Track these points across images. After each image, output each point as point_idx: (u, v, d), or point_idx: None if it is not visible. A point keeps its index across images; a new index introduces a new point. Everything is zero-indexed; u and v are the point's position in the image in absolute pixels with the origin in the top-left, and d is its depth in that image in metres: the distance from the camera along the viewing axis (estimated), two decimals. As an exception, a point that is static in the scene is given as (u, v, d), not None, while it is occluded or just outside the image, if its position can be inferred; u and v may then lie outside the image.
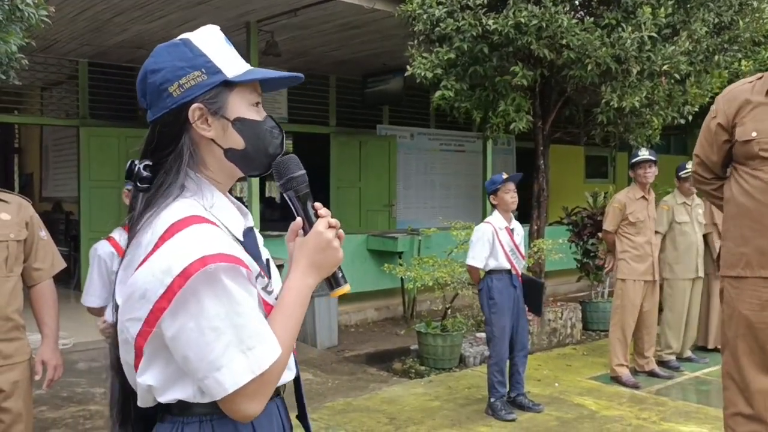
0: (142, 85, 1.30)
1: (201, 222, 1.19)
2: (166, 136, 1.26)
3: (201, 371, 1.14)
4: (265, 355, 1.17)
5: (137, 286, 1.16)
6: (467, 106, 6.36)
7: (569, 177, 12.42)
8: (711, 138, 2.87)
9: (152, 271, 1.14)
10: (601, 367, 5.89)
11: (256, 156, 1.31)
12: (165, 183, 1.24)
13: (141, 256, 1.19)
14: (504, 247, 4.69)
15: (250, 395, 1.17)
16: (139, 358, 1.20)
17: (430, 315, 7.39)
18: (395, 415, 4.70)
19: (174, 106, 1.24)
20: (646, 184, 5.56)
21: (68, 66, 9.46)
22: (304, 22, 7.69)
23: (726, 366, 2.80)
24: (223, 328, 1.14)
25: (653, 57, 5.84)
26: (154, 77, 1.26)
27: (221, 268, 1.15)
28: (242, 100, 1.29)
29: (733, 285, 2.76)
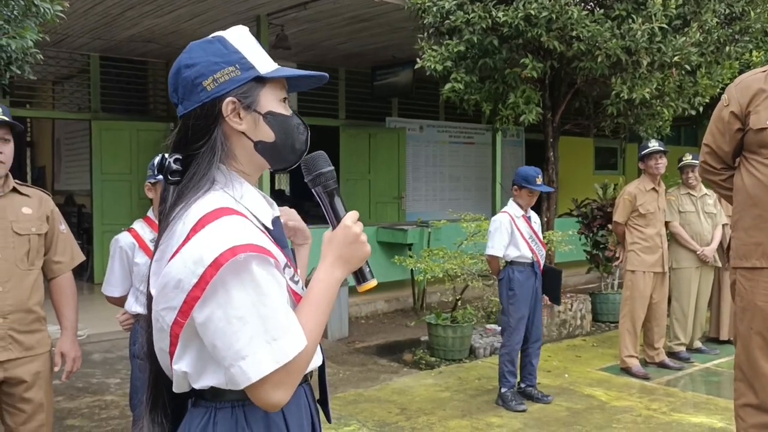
0: (174, 79, 1.33)
1: (231, 214, 1.23)
2: (199, 130, 1.30)
3: (227, 359, 1.18)
4: (290, 345, 1.19)
5: (171, 276, 1.20)
6: (477, 98, 6.37)
7: (579, 169, 12.40)
8: (723, 127, 2.85)
9: (185, 262, 1.18)
10: (610, 359, 5.91)
11: (284, 149, 1.35)
12: (196, 175, 1.28)
13: (174, 247, 1.23)
14: (524, 235, 4.72)
15: (275, 384, 1.19)
16: (174, 346, 1.24)
17: (440, 306, 7.43)
18: (406, 406, 4.74)
19: (207, 99, 1.28)
20: (657, 175, 5.56)
21: (80, 60, 9.52)
22: (313, 15, 7.71)
23: (738, 357, 2.81)
24: (249, 318, 1.17)
25: (664, 48, 5.82)
26: (188, 72, 1.30)
27: (251, 258, 1.19)
28: (272, 95, 1.34)
29: (747, 277, 2.75)
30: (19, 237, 2.65)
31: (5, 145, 2.59)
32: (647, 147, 5.57)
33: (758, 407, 2.69)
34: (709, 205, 5.98)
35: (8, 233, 2.62)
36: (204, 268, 1.16)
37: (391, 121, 10.96)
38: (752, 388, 2.70)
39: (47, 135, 12.20)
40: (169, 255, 1.23)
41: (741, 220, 2.81)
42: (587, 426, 4.35)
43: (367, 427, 4.30)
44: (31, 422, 2.69)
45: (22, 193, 2.73)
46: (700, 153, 3.06)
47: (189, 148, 1.31)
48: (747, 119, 2.75)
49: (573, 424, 4.38)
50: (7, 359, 2.60)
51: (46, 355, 2.76)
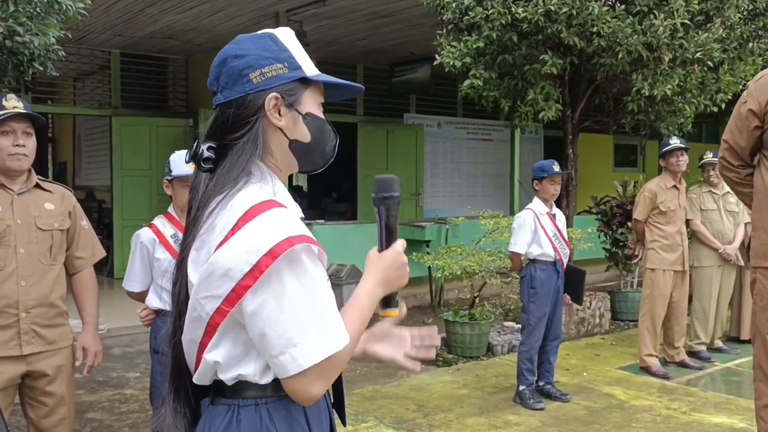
0: (218, 68, 1.33)
1: (280, 206, 1.24)
2: (239, 119, 1.30)
3: (278, 347, 1.19)
4: (339, 337, 1.21)
5: (218, 264, 1.20)
6: (496, 94, 6.34)
7: (598, 166, 12.32)
8: (741, 123, 2.82)
9: (236, 251, 1.19)
10: (629, 357, 5.87)
11: (316, 151, 1.37)
12: (235, 168, 1.29)
13: (218, 237, 1.23)
14: (547, 233, 4.69)
15: (318, 376, 1.21)
16: (209, 336, 1.24)
17: (458, 304, 7.41)
18: (423, 403, 4.74)
19: (252, 91, 1.29)
20: (678, 172, 5.50)
21: (101, 56, 9.61)
22: (332, 12, 7.72)
23: (757, 357, 2.78)
24: (303, 307, 1.19)
25: (686, 44, 5.76)
26: (236, 62, 1.31)
27: (305, 249, 1.21)
28: (313, 98, 1.36)
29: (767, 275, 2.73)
30: (41, 232, 2.68)
31: (28, 139, 2.62)
32: (668, 144, 5.51)
33: None
34: (731, 203, 5.90)
35: (31, 228, 2.65)
36: (259, 257, 1.17)
37: (409, 118, 10.95)
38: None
39: (68, 131, 12.34)
40: (213, 245, 1.23)
41: (761, 220, 2.78)
42: (606, 425, 4.33)
43: (385, 424, 4.31)
44: (53, 415, 2.73)
45: (44, 189, 2.75)
46: (719, 149, 3.03)
47: (226, 138, 1.31)
48: (765, 117, 2.72)
49: (591, 423, 4.36)
50: (30, 353, 2.63)
51: (68, 349, 2.79)
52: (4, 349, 2.57)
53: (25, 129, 2.61)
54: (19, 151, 2.58)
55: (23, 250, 2.62)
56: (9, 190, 2.63)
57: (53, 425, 2.74)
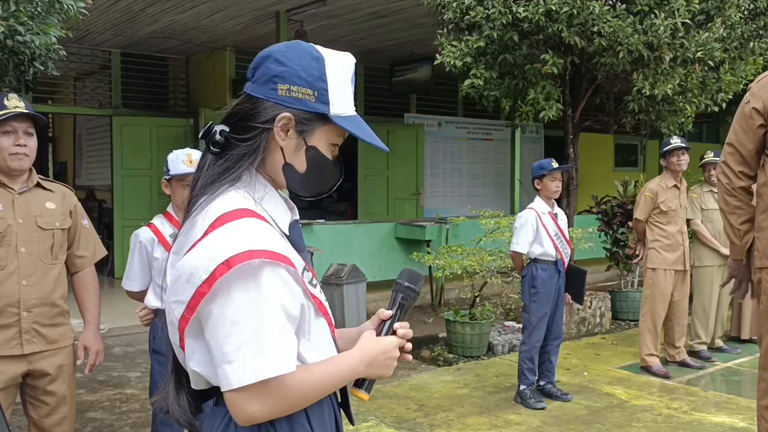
0: (260, 61, 1.32)
1: (251, 216, 1.22)
2: (249, 120, 1.30)
3: (216, 359, 1.18)
4: (277, 362, 1.17)
5: (184, 269, 1.20)
6: (496, 94, 6.34)
7: (599, 165, 12.32)
8: (746, 123, 2.80)
9: (199, 257, 1.18)
10: (630, 357, 5.87)
11: (307, 184, 1.35)
12: (226, 171, 1.29)
13: (191, 241, 1.23)
14: (549, 232, 4.68)
15: (256, 397, 1.18)
16: (183, 341, 1.25)
17: (459, 303, 7.41)
18: (424, 402, 4.74)
19: (272, 100, 1.29)
20: (679, 172, 5.50)
21: (101, 56, 9.61)
22: (332, 11, 7.72)
23: (764, 358, 2.77)
24: (243, 325, 1.16)
25: (686, 44, 5.76)
26: (273, 66, 1.30)
27: (264, 265, 1.18)
28: (326, 136, 1.34)
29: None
30: (43, 231, 2.68)
31: (29, 139, 2.62)
32: (669, 143, 5.50)
33: None
34: None
35: (32, 228, 2.65)
36: (216, 265, 1.16)
37: (409, 117, 10.94)
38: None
39: (69, 130, 12.34)
40: (186, 248, 1.24)
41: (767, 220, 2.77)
42: (606, 425, 4.32)
43: (385, 423, 4.31)
44: (54, 415, 2.73)
45: (45, 188, 2.75)
46: (721, 153, 2.98)
47: (237, 127, 1.31)
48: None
49: (592, 423, 4.36)
50: (31, 352, 2.63)
51: (69, 349, 2.79)
52: (5, 349, 2.57)
53: (26, 129, 2.61)
54: (21, 150, 2.58)
55: (24, 249, 2.62)
56: (10, 189, 2.63)
57: (54, 424, 2.74)
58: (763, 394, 2.75)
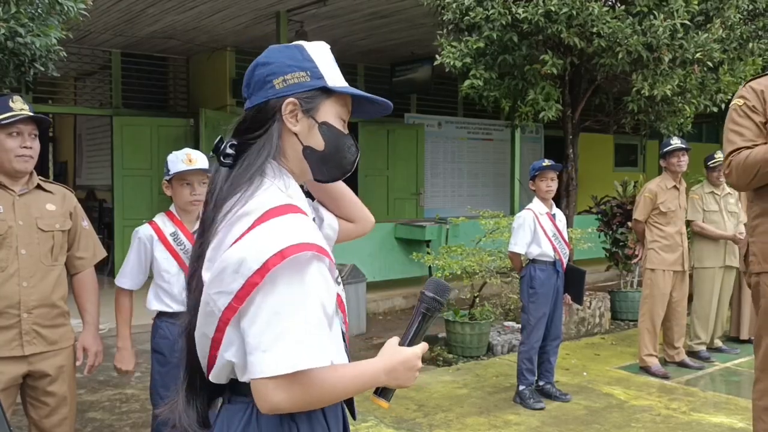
0: (249, 75, 1.39)
1: (297, 212, 1.27)
2: (257, 121, 1.36)
3: (250, 346, 1.20)
4: (311, 355, 1.20)
5: (231, 261, 1.22)
6: (496, 94, 6.35)
7: (598, 166, 12.32)
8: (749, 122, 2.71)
9: (248, 248, 1.21)
10: (629, 357, 5.88)
11: (329, 161, 1.40)
12: (250, 166, 1.32)
13: (235, 235, 1.25)
14: (547, 233, 4.69)
15: (284, 387, 1.20)
16: (221, 332, 1.26)
17: (458, 303, 7.42)
18: (423, 402, 4.75)
19: (273, 97, 1.35)
20: (678, 173, 5.51)
21: (101, 56, 9.62)
22: (333, 11, 7.73)
23: (763, 359, 2.76)
24: (284, 315, 1.19)
25: (686, 45, 5.76)
26: (262, 69, 1.37)
27: (313, 258, 1.23)
28: (333, 110, 1.40)
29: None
30: (43, 233, 2.69)
31: (34, 141, 2.65)
32: (669, 144, 5.51)
33: None
34: (731, 204, 5.92)
35: (33, 229, 2.66)
36: (269, 256, 1.19)
37: (409, 118, 10.96)
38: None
39: (69, 130, 12.35)
40: (228, 242, 1.26)
41: (765, 224, 2.73)
42: (605, 425, 4.34)
43: (385, 424, 4.32)
44: (54, 415, 2.74)
45: (45, 190, 2.77)
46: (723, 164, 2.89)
47: (246, 136, 1.36)
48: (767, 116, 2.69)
49: (591, 423, 4.37)
50: (31, 353, 2.64)
51: (69, 350, 2.80)
52: (5, 350, 2.58)
53: (31, 131, 2.64)
54: (26, 152, 2.61)
55: (24, 251, 2.63)
56: (10, 191, 2.65)
57: (54, 425, 2.75)
58: (762, 395, 2.75)
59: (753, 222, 2.82)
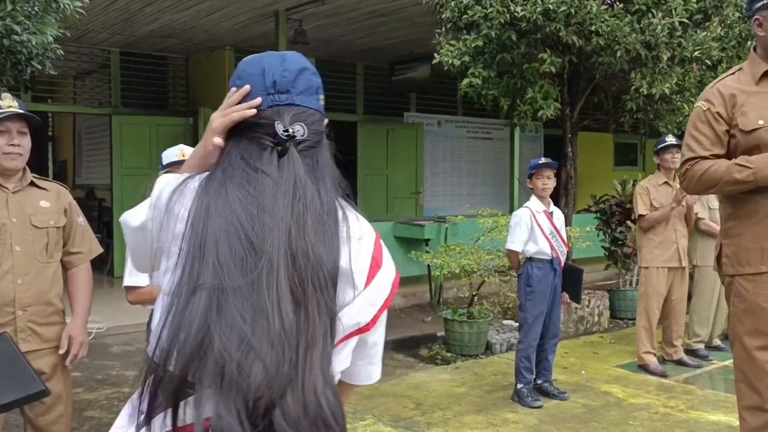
0: (298, 73, 1.33)
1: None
2: (315, 125, 1.32)
3: (373, 359, 1.39)
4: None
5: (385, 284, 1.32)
6: (495, 93, 6.34)
7: (598, 164, 12.32)
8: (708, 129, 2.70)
9: (387, 277, 1.33)
10: (628, 356, 5.87)
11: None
12: (333, 179, 1.31)
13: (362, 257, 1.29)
14: (544, 231, 4.69)
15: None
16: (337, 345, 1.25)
17: (457, 302, 7.42)
18: (421, 401, 4.75)
19: (320, 110, 1.36)
20: (672, 169, 5.50)
21: (100, 55, 9.62)
22: (331, 10, 7.73)
23: (738, 360, 2.75)
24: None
25: (684, 43, 5.76)
26: (314, 78, 1.36)
27: None
28: None
29: (750, 280, 2.67)
30: (37, 230, 2.69)
31: (23, 138, 2.63)
32: (664, 141, 5.52)
33: (762, 408, 2.65)
34: None
35: (27, 226, 2.66)
36: (393, 282, 1.33)
37: (409, 117, 10.95)
38: (756, 390, 2.66)
39: (68, 130, 12.35)
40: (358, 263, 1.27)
41: (738, 227, 2.71)
42: (603, 423, 4.33)
43: (383, 422, 4.32)
44: (50, 413, 2.74)
45: (39, 187, 2.76)
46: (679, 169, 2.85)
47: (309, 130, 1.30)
48: (732, 123, 2.66)
49: (589, 421, 4.36)
50: (26, 351, 2.63)
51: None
52: None
53: (20, 128, 2.62)
54: (14, 150, 2.60)
55: (19, 248, 2.63)
56: (4, 188, 2.65)
57: (50, 423, 2.75)
58: (742, 395, 2.74)
59: (726, 224, 2.79)
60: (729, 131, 2.69)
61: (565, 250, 4.87)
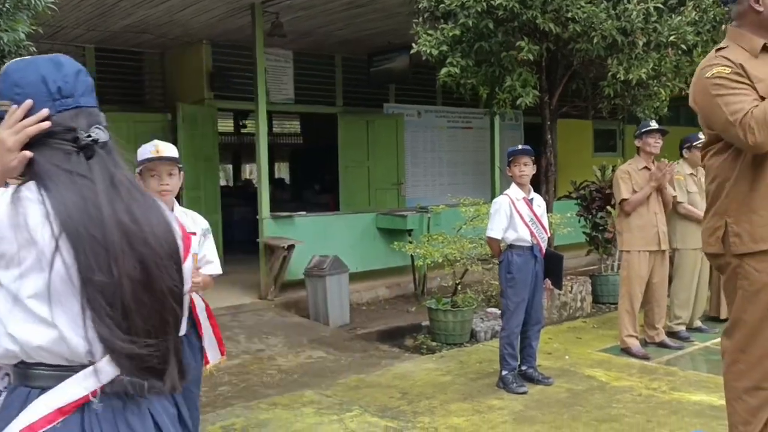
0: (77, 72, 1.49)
1: None
2: (105, 126, 1.49)
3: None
4: None
5: None
6: (473, 82, 6.36)
7: (577, 151, 12.39)
8: (743, 85, 2.56)
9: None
10: (611, 340, 5.93)
11: None
12: None
13: None
14: (524, 218, 4.71)
15: None
16: None
17: (441, 291, 7.45)
18: (407, 390, 4.77)
19: (97, 106, 1.53)
20: (653, 154, 5.55)
21: (75, 52, 9.48)
22: (308, 2, 7.68)
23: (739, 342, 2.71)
24: None
25: (659, 28, 5.80)
26: (89, 78, 1.52)
27: None
28: None
29: (760, 259, 2.63)
30: None
31: None
32: (648, 126, 5.56)
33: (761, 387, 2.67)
34: (704, 183, 5.98)
35: None
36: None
37: (388, 108, 10.94)
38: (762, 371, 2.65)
39: (45, 128, 12.19)
40: None
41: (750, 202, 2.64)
42: (587, 406, 4.38)
43: (369, 412, 4.33)
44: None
45: None
46: (736, 128, 2.55)
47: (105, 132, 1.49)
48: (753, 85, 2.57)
49: (573, 405, 4.41)
50: None
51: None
52: None
53: None
54: None
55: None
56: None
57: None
58: (740, 376, 2.76)
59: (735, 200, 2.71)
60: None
61: (546, 237, 4.90)
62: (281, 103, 10.14)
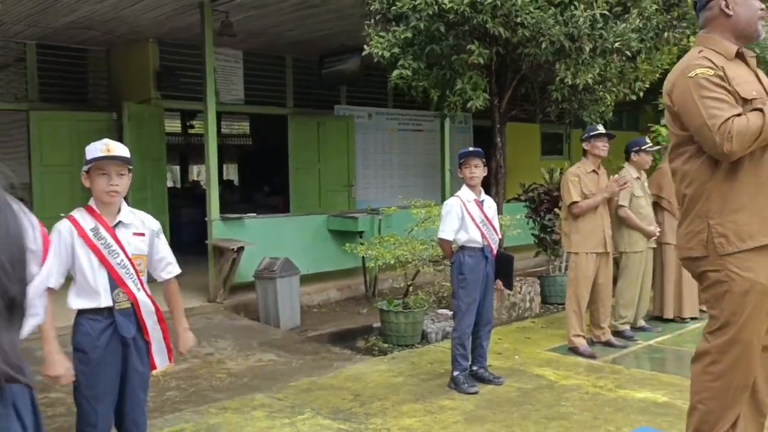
0: None
1: None
2: None
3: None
4: None
5: None
6: (425, 85, 6.40)
7: (526, 154, 12.59)
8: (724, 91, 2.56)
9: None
10: (559, 339, 6.04)
11: None
12: None
13: None
14: (475, 220, 4.75)
15: None
16: None
17: (392, 293, 7.46)
18: (360, 392, 4.76)
19: None
20: (600, 157, 5.69)
21: (15, 48, 9.19)
22: (259, 1, 7.61)
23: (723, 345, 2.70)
24: None
25: (605, 35, 5.94)
26: None
27: None
28: None
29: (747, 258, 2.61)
30: None
31: None
32: (596, 129, 5.69)
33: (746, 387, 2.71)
34: (646, 187, 6.20)
35: None
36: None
37: (339, 109, 10.91)
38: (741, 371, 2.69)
39: (-18, 126, 11.74)
40: None
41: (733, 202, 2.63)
42: (537, 405, 4.44)
43: (321, 415, 4.31)
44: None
45: None
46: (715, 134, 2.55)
47: None
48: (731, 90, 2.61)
49: (523, 404, 4.47)
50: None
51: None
52: None
53: None
54: None
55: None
56: None
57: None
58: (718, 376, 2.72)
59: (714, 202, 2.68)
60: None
61: (497, 238, 4.95)
62: (231, 103, 10.01)
